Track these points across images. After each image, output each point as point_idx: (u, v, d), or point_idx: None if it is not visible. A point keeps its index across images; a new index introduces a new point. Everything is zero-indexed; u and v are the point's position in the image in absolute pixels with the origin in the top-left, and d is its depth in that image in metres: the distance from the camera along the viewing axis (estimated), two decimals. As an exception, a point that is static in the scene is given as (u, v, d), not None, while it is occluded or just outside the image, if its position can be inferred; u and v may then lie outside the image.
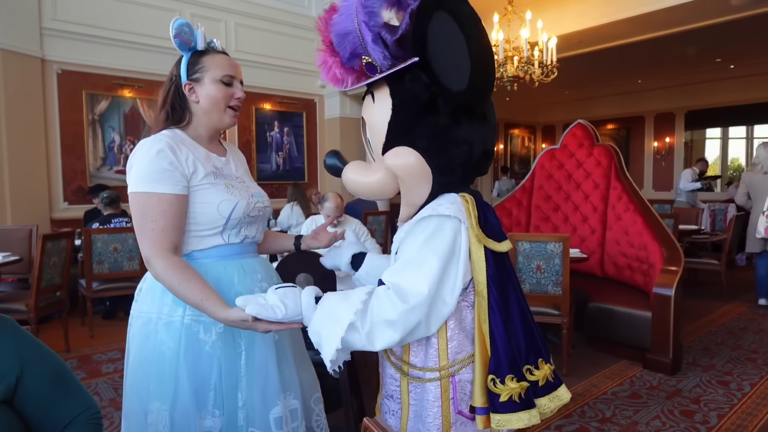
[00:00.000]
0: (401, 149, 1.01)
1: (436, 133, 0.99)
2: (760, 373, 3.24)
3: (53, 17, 5.63)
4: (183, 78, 1.32)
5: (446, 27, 0.90)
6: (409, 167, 1.01)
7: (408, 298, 0.95)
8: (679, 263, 3.35)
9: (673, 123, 10.16)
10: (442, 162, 1.01)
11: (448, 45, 0.91)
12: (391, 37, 0.96)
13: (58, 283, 3.75)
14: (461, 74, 0.92)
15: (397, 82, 1.00)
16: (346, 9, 0.98)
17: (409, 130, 1.00)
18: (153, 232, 1.20)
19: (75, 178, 5.90)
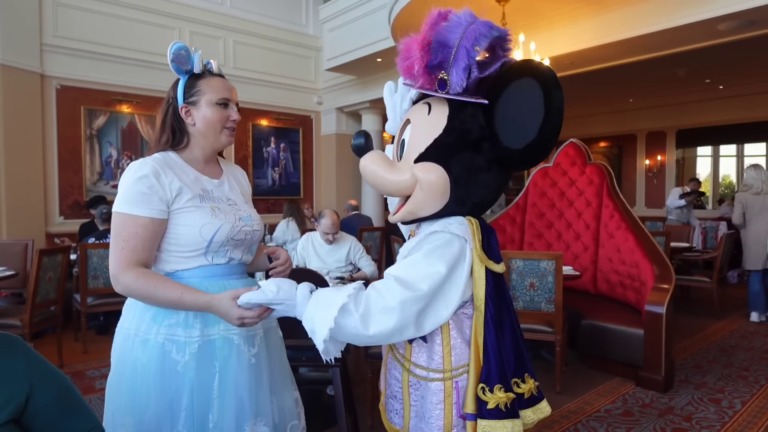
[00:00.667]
0: (436, 166, 1.07)
1: (470, 168, 1.08)
2: (751, 390, 3.27)
3: (54, 33, 5.70)
4: (180, 101, 1.36)
5: (530, 92, 0.99)
6: (435, 185, 1.07)
7: (410, 288, 1.01)
8: (671, 281, 3.40)
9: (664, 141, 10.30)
10: (461, 194, 1.09)
11: (526, 113, 1.00)
12: (478, 73, 1.04)
13: (53, 298, 3.75)
14: (521, 138, 1.01)
15: (458, 109, 1.07)
16: (455, 25, 1.03)
17: (449, 155, 1.07)
18: (123, 251, 1.24)
19: (71, 193, 5.92)
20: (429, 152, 1.08)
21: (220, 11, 7.04)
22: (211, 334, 1.30)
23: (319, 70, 8.05)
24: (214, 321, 1.29)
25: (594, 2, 4.84)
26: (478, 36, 1.00)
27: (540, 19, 5.25)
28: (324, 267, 3.52)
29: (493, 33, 1.02)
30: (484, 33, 1.01)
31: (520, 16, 5.00)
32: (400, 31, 5.61)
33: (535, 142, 1.00)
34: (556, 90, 0.99)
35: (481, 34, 1.01)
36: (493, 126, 1.03)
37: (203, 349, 1.27)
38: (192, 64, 1.37)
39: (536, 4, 4.92)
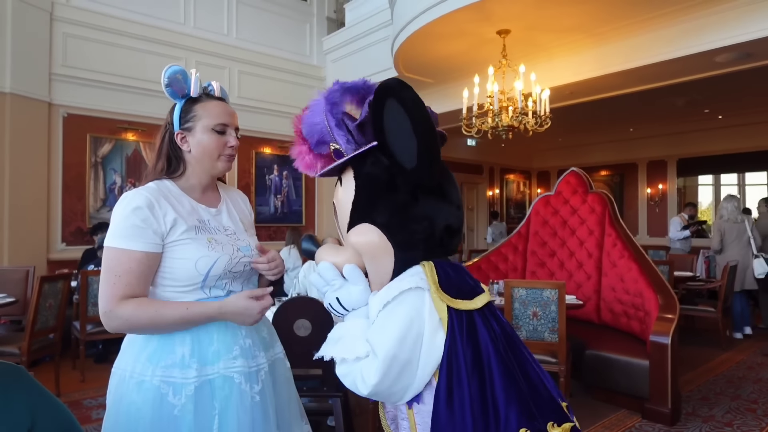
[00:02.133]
0: (362, 226, 1.04)
1: (396, 209, 1.03)
2: (760, 424, 3.20)
3: (63, 63, 5.82)
4: (175, 127, 1.31)
5: (396, 112, 0.98)
6: (370, 244, 1.04)
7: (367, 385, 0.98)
8: (675, 311, 3.36)
9: (665, 170, 10.35)
10: (403, 238, 1.04)
11: (399, 128, 0.98)
12: (352, 123, 1.07)
13: (53, 325, 3.72)
14: (411, 153, 0.99)
15: (360, 165, 1.06)
16: (315, 106, 1.11)
17: (369, 209, 1.04)
18: (115, 287, 1.19)
19: (74, 219, 5.94)
20: (353, 218, 1.06)
21: (225, 42, 7.19)
22: (210, 373, 1.23)
23: (323, 99, 8.16)
24: (212, 359, 1.23)
25: (594, 34, 4.94)
26: (331, 97, 1.08)
27: (540, 51, 5.35)
28: (325, 295, 3.49)
29: (344, 86, 1.08)
30: (335, 91, 1.08)
31: (521, 47, 5.10)
32: (402, 62, 5.72)
33: (420, 148, 0.98)
34: (404, 92, 0.98)
35: (333, 93, 1.08)
36: (394, 158, 1.01)
37: (201, 390, 1.21)
38: (188, 87, 1.31)
39: (537, 36, 5.02)
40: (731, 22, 4.12)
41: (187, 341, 1.23)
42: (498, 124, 4.61)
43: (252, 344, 1.31)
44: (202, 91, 1.34)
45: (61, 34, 5.81)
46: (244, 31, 7.42)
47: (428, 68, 5.95)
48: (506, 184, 12.83)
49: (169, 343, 1.22)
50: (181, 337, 1.23)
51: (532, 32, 4.90)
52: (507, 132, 4.70)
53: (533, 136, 5.07)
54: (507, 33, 4.82)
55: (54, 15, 5.75)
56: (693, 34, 4.33)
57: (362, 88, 1.11)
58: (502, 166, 12.56)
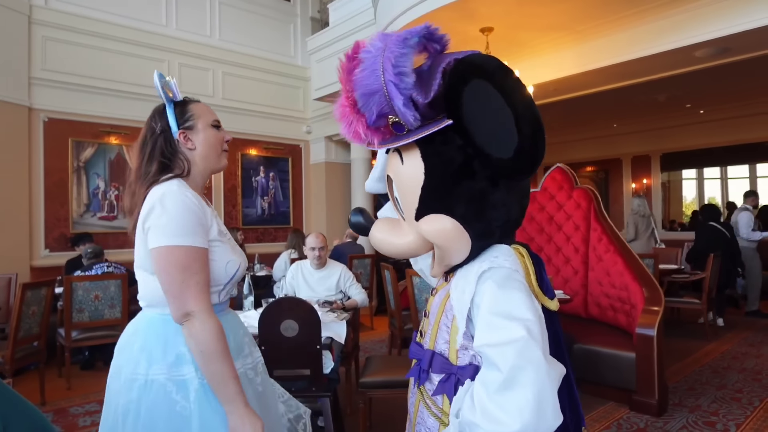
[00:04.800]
0: (437, 217, 0.94)
1: (474, 198, 0.93)
2: (745, 412, 3.25)
3: (42, 67, 5.73)
4: (174, 127, 1.30)
5: (486, 94, 0.85)
6: (446, 234, 0.94)
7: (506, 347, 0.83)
8: (660, 303, 3.40)
9: (649, 165, 10.46)
10: (481, 227, 0.95)
11: (488, 111, 0.86)
12: (423, 99, 0.89)
13: (37, 333, 3.66)
14: (505, 143, 0.86)
15: (428, 144, 0.94)
16: (369, 63, 0.89)
17: (444, 196, 0.94)
18: (198, 286, 1.16)
19: (58, 225, 5.86)
20: (423, 204, 0.95)
21: (208, 43, 7.13)
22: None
23: (308, 99, 8.14)
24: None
25: (575, 32, 4.98)
26: (396, 61, 0.87)
27: (523, 48, 5.38)
28: (314, 296, 3.48)
29: (408, 43, 0.88)
30: (400, 53, 0.87)
31: (504, 45, 5.13)
32: (386, 61, 5.72)
33: (522, 144, 0.85)
34: (507, 80, 0.85)
35: (398, 56, 0.87)
36: (474, 141, 0.89)
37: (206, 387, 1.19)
38: (174, 91, 1.34)
39: (519, 34, 5.05)
40: (709, 17, 4.19)
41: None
42: (483, 121, 4.63)
43: (249, 341, 1.36)
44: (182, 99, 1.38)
45: (40, 38, 5.73)
46: (227, 32, 7.37)
47: (413, 67, 5.95)
48: (493, 181, 12.89)
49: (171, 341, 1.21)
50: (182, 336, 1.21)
51: (514, 30, 4.93)
52: (492, 129, 4.72)
53: (518, 133, 5.10)
54: (490, 31, 4.85)
55: (32, 18, 5.67)
56: (671, 30, 4.39)
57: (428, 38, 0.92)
58: (488, 164, 12.62)
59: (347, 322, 3.26)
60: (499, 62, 0.86)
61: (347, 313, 3.31)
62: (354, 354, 3.61)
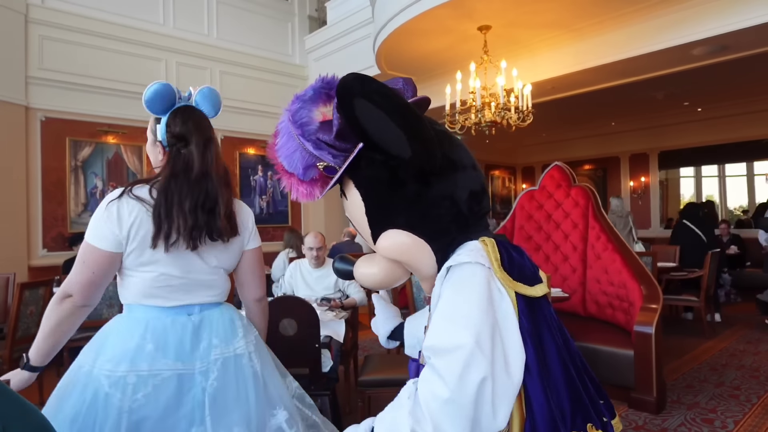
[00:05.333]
0: (387, 233, 0.97)
1: (412, 203, 0.95)
2: (743, 409, 3.26)
3: (39, 66, 5.72)
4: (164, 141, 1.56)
5: (368, 110, 0.89)
6: (400, 246, 0.96)
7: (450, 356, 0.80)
8: (658, 301, 3.41)
9: (647, 163, 10.48)
10: (430, 228, 0.96)
11: (378, 124, 0.90)
12: (329, 137, 0.96)
13: (35, 332, 3.64)
14: (401, 144, 0.90)
15: (356, 172, 0.98)
16: (283, 129, 1.01)
17: (385, 213, 0.97)
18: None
19: (55, 225, 5.85)
20: (374, 227, 0.98)
21: (206, 42, 7.12)
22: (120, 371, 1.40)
23: (306, 98, 8.13)
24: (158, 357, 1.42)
25: (573, 30, 4.98)
26: (295, 117, 0.97)
27: (521, 47, 5.38)
28: (312, 294, 3.48)
29: (304, 98, 0.98)
30: (297, 109, 0.98)
31: (502, 43, 5.13)
32: (384, 59, 5.72)
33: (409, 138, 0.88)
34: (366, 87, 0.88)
35: (295, 112, 0.98)
36: (390, 153, 0.91)
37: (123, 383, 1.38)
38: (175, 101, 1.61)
39: (517, 32, 5.05)
40: (706, 15, 4.19)
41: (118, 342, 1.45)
42: (481, 120, 4.63)
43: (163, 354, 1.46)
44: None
45: (37, 37, 5.71)
46: (225, 31, 7.36)
47: (410, 65, 5.95)
48: (491, 180, 12.90)
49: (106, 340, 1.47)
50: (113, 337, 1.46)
51: (512, 28, 4.92)
52: (490, 127, 4.73)
53: (517, 132, 5.11)
54: (488, 29, 4.84)
55: (29, 17, 5.65)
56: (669, 27, 4.39)
57: (323, 87, 1.01)
58: (486, 162, 12.62)
59: (346, 320, 3.26)
60: (357, 75, 0.89)
61: (346, 312, 3.31)
62: (353, 353, 3.61)
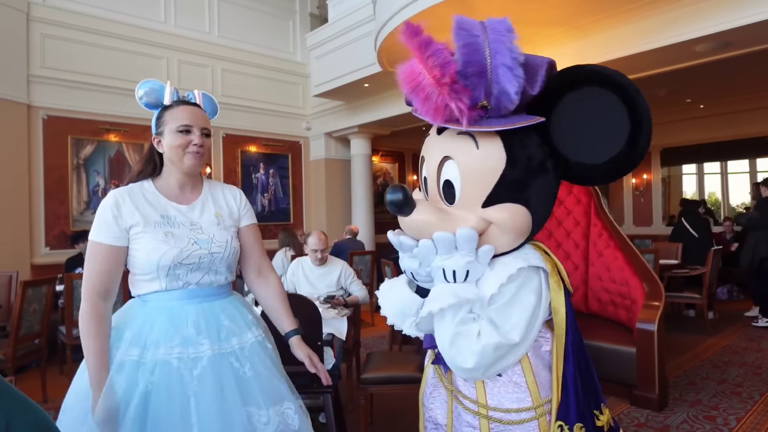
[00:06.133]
0: (515, 207, 0.96)
1: (546, 192, 0.99)
2: (745, 407, 3.26)
3: (41, 64, 5.72)
4: (153, 133, 1.49)
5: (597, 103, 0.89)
6: (516, 223, 0.97)
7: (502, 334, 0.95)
8: (661, 298, 3.41)
9: (649, 160, 10.45)
10: (541, 219, 1.01)
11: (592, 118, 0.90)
12: (532, 91, 0.92)
13: (38, 330, 3.67)
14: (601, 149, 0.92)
15: (511, 135, 0.94)
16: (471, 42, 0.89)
17: (524, 188, 0.96)
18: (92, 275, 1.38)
19: (58, 223, 5.86)
20: (499, 192, 0.95)
21: (207, 40, 7.12)
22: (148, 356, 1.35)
23: (307, 96, 8.13)
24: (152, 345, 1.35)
25: (574, 27, 4.96)
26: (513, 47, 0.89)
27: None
28: (314, 292, 3.48)
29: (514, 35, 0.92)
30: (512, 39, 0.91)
31: (503, 40, 5.11)
32: (386, 57, 5.71)
33: (628, 154, 0.90)
34: (639, 96, 0.90)
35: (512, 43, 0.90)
36: (551, 141, 0.94)
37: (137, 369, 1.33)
38: (161, 98, 1.49)
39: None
40: (709, 11, 4.17)
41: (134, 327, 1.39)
42: (483, 117, 4.62)
43: (197, 335, 1.41)
44: (178, 99, 1.50)
45: (39, 35, 5.71)
46: (226, 28, 7.35)
47: (412, 63, 5.94)
48: (493, 177, 12.90)
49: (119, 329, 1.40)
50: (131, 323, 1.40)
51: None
52: (492, 125, 4.71)
53: (518, 129, 5.08)
54: (490, 26, 4.83)
55: (31, 15, 5.65)
56: (671, 24, 4.37)
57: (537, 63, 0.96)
58: (488, 160, 12.62)
59: (348, 318, 3.26)
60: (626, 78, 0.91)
61: (348, 310, 3.32)
62: (355, 350, 3.62)
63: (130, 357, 1.34)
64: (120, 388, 1.31)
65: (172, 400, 1.31)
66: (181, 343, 1.37)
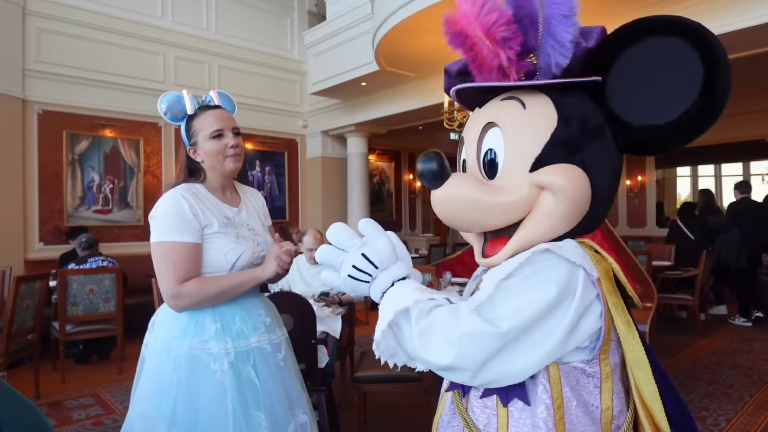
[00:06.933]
0: (568, 166, 0.80)
1: (607, 161, 0.84)
2: (735, 407, 3.29)
3: (37, 59, 5.69)
4: (186, 144, 1.52)
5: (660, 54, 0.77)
6: (572, 187, 0.79)
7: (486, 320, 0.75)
8: (653, 299, 3.43)
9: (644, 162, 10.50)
10: (604, 196, 0.84)
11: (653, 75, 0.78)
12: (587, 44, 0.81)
13: (31, 326, 3.66)
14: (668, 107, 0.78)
15: (559, 94, 0.83)
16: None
17: (580, 148, 0.81)
18: (176, 272, 1.37)
19: (52, 218, 5.83)
20: (551, 151, 0.81)
21: (204, 36, 7.09)
22: (243, 345, 1.44)
23: (305, 94, 8.12)
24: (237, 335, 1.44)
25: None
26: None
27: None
28: (309, 290, 3.49)
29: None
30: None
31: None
32: (383, 56, 5.71)
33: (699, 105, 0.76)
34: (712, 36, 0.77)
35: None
36: (609, 105, 0.81)
37: (239, 358, 1.42)
38: (184, 109, 1.51)
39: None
40: (704, 15, 4.19)
41: (217, 319, 1.43)
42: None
43: (271, 322, 1.55)
44: (199, 106, 1.53)
45: (35, 29, 5.68)
46: (223, 25, 7.33)
47: (410, 62, 5.95)
48: (489, 177, 12.92)
49: (200, 322, 1.42)
50: (210, 316, 1.43)
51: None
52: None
53: (514, 130, 5.10)
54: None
55: (27, 9, 5.62)
56: (669, 27, 4.40)
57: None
58: (484, 160, 12.64)
59: (342, 317, 3.27)
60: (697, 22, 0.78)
61: (342, 308, 3.32)
62: (349, 349, 3.62)
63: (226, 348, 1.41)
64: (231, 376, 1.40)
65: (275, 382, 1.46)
66: (266, 330, 1.51)
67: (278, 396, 1.46)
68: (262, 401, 1.41)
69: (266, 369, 1.46)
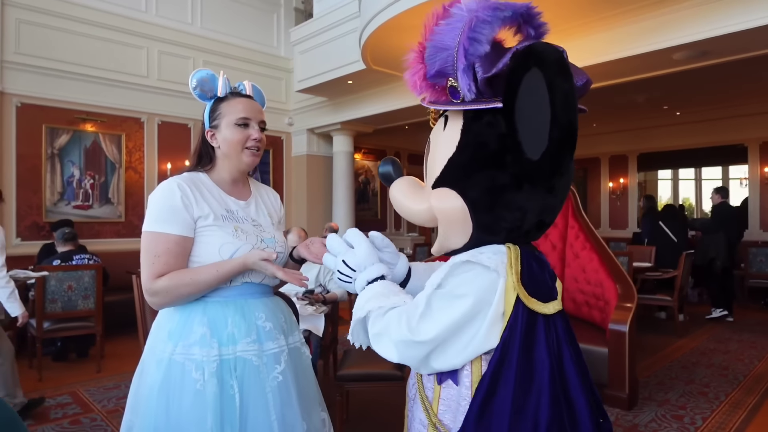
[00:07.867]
0: (448, 192, 0.91)
1: (492, 190, 0.88)
2: (711, 406, 3.35)
3: (16, 50, 5.57)
4: (206, 125, 1.42)
5: (537, 87, 0.80)
6: (449, 214, 0.91)
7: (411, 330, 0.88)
8: (633, 300, 3.48)
9: (626, 165, 10.65)
10: (486, 220, 0.90)
11: (535, 106, 0.81)
12: (483, 73, 0.84)
13: (7, 323, 3.58)
14: (537, 144, 0.82)
15: (472, 119, 0.89)
16: (455, 20, 0.86)
17: (464, 176, 0.90)
18: (155, 266, 1.27)
19: (30, 214, 5.72)
20: (444, 176, 0.92)
21: (189, 31, 7.01)
22: (227, 353, 1.29)
23: (290, 91, 8.07)
24: (227, 341, 1.30)
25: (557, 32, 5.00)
26: (476, 26, 0.82)
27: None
28: (293, 288, 3.47)
29: (498, 15, 0.83)
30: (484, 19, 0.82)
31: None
32: (370, 55, 5.70)
33: (550, 150, 0.81)
34: (559, 78, 0.79)
35: (480, 22, 0.82)
36: (516, 133, 0.83)
37: (221, 368, 1.28)
38: (215, 89, 1.42)
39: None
40: (688, 20, 4.26)
41: (205, 322, 1.30)
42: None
43: (273, 328, 1.38)
44: (231, 90, 1.45)
45: (14, 20, 5.56)
46: (209, 20, 7.25)
47: (397, 61, 5.93)
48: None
49: (188, 323, 1.30)
50: (199, 317, 1.31)
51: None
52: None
53: (499, 130, 5.13)
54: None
55: (5, 0, 5.49)
56: (651, 32, 4.46)
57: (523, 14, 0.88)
58: (470, 160, 12.70)
59: (326, 315, 3.26)
60: (560, 55, 0.80)
61: (326, 307, 3.31)
62: (332, 347, 3.61)
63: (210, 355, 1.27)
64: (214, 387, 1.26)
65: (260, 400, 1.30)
66: (258, 339, 1.34)
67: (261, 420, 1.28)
68: (239, 425, 1.26)
69: (249, 385, 1.29)
